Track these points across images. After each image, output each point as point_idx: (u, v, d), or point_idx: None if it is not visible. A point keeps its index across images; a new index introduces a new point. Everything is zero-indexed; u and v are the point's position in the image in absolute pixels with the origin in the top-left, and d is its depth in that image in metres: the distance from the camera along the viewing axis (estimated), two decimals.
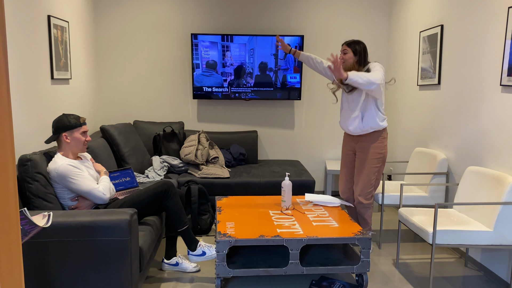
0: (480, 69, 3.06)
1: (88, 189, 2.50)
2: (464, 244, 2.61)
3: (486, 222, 2.67)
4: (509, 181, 2.56)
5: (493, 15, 2.91)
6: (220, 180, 3.94)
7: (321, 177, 5.01)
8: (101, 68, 4.67)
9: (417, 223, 2.79)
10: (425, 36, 3.87)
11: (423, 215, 2.91)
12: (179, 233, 2.77)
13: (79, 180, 2.48)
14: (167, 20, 4.66)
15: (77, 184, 2.47)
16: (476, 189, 2.86)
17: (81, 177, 2.49)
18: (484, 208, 2.72)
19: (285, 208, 3.08)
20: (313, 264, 2.67)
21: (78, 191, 2.50)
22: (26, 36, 2.96)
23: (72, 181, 2.46)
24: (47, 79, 3.30)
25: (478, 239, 2.60)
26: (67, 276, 2.19)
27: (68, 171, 2.46)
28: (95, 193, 2.52)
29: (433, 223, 2.59)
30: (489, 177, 2.78)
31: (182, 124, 4.64)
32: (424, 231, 2.68)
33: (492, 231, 2.58)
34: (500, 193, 2.61)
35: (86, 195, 2.51)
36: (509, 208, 2.57)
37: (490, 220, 2.63)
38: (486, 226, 2.65)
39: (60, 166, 2.45)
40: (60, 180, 2.47)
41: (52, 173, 2.47)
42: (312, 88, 4.86)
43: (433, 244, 2.61)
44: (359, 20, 4.77)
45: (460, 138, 3.32)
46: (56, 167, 2.46)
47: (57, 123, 2.53)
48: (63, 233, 2.15)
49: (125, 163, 3.78)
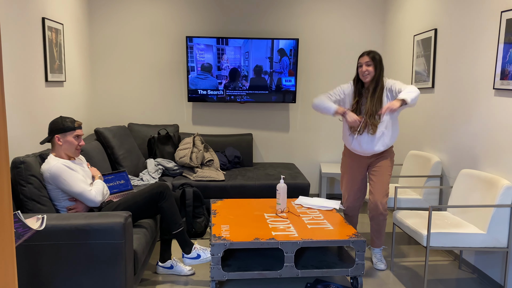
0: (474, 72, 3.08)
1: (79, 191, 2.47)
2: (458, 247, 2.63)
3: (479, 224, 2.69)
4: (502, 184, 2.58)
5: (486, 19, 2.94)
6: (215, 183, 3.93)
7: (316, 180, 5.02)
8: (95, 71, 4.66)
9: (411, 225, 2.80)
10: (419, 40, 3.89)
11: (418, 217, 2.92)
12: (174, 236, 2.76)
13: (71, 181, 2.46)
14: (162, 23, 4.66)
15: (69, 185, 2.45)
16: (470, 191, 2.88)
17: (73, 178, 2.47)
18: (478, 211, 2.74)
19: (280, 211, 3.08)
20: (308, 267, 2.67)
21: (69, 192, 2.47)
22: (20, 38, 2.94)
23: (64, 182, 2.44)
24: (41, 82, 3.29)
25: (472, 242, 2.62)
26: (61, 280, 2.17)
27: (60, 171, 2.44)
28: (86, 195, 2.49)
29: (427, 226, 2.60)
30: (482, 180, 2.80)
31: (177, 127, 4.64)
32: (419, 234, 2.69)
33: (486, 234, 2.60)
34: (493, 195, 2.63)
35: (77, 196, 2.49)
36: (502, 210, 2.58)
37: (483, 222, 2.65)
38: (480, 228, 2.67)
39: (53, 166, 2.44)
40: (53, 181, 2.45)
41: (46, 174, 2.45)
42: (307, 91, 4.87)
43: (427, 246, 2.62)
44: (354, 24, 4.79)
45: (454, 141, 3.34)
46: (49, 167, 2.44)
47: (52, 124, 2.53)
48: (56, 236, 2.13)
49: (120, 166, 3.76)
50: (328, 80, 4.86)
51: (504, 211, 2.59)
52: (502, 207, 2.57)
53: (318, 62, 4.83)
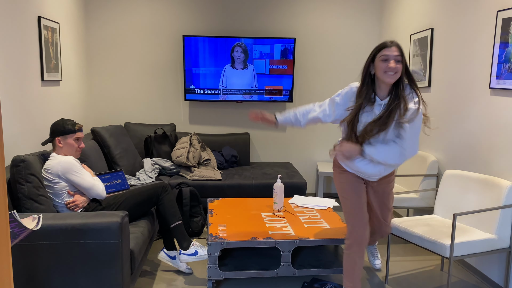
0: (470, 72, 3.09)
1: (90, 184, 2.61)
2: (474, 253, 2.50)
3: (483, 227, 2.62)
4: (505, 184, 2.54)
5: (482, 18, 2.95)
6: (212, 182, 3.93)
7: (312, 179, 5.02)
8: (92, 70, 4.65)
9: (425, 235, 2.56)
10: (416, 39, 3.90)
11: (422, 225, 2.73)
12: (172, 229, 2.77)
13: (82, 174, 2.59)
14: (159, 22, 4.65)
15: (81, 178, 2.57)
16: (463, 193, 2.83)
17: (83, 172, 2.61)
18: (478, 214, 2.68)
19: (277, 210, 3.08)
20: (305, 266, 2.68)
21: (79, 185, 2.58)
22: (16, 37, 2.93)
23: (76, 174, 2.56)
24: (37, 81, 3.27)
25: (485, 247, 2.52)
26: (57, 279, 2.17)
27: (72, 165, 2.56)
28: (96, 189, 2.63)
29: (451, 236, 2.39)
30: (475, 180, 2.76)
31: (173, 126, 4.63)
32: (438, 244, 2.46)
33: (496, 238, 2.54)
34: (498, 197, 2.57)
35: (87, 189, 2.61)
36: (507, 211, 2.54)
37: (488, 225, 2.58)
38: (485, 231, 2.60)
39: (64, 160, 2.55)
40: (64, 174, 2.53)
41: (55, 168, 2.52)
42: (304, 90, 4.87)
43: (451, 257, 2.42)
44: (350, 23, 4.80)
45: (450, 140, 3.35)
46: (59, 161, 2.54)
47: (53, 126, 2.63)
48: (53, 235, 2.13)
49: (116, 165, 3.76)
50: (325, 79, 4.87)
51: (508, 212, 2.55)
52: (508, 208, 2.53)
53: (315, 61, 4.83)
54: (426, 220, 2.88)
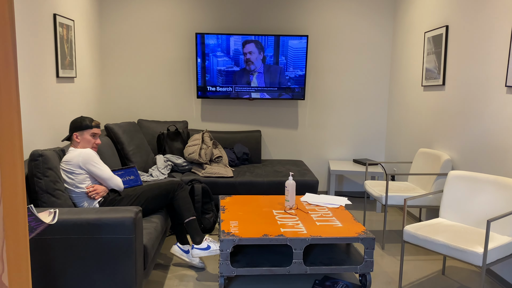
0: (485, 70, 3.05)
1: (109, 175, 2.72)
2: (501, 258, 2.41)
3: (500, 230, 2.54)
4: None
5: (498, 15, 2.90)
6: (224, 179, 3.95)
7: (324, 177, 5.01)
8: (106, 67, 4.69)
9: (452, 244, 2.41)
10: (430, 36, 3.86)
11: (442, 231, 2.60)
12: (186, 224, 2.83)
13: (102, 165, 2.71)
14: (172, 19, 4.67)
15: (101, 169, 2.68)
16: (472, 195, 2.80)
17: (102, 163, 2.71)
18: (486, 216, 2.65)
19: (289, 207, 3.08)
20: (317, 263, 2.67)
21: (100, 175, 2.68)
22: (32, 35, 2.97)
23: (96, 165, 2.66)
24: (52, 78, 3.32)
25: (507, 250, 2.44)
26: (72, 273, 2.20)
27: (92, 156, 2.67)
28: (115, 180, 2.75)
29: (485, 243, 2.25)
30: (485, 181, 2.71)
31: (186, 123, 4.65)
32: (469, 252, 2.32)
33: None
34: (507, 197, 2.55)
35: (106, 180, 2.71)
36: None
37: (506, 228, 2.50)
38: (504, 235, 2.52)
39: (84, 151, 2.65)
40: (84, 163, 2.62)
41: (75, 159, 2.61)
42: (316, 88, 4.85)
43: (484, 265, 2.28)
44: (363, 20, 4.76)
45: (464, 139, 3.31)
46: (79, 153, 2.63)
47: (72, 123, 2.74)
48: (68, 230, 2.16)
49: (129, 161, 3.79)
50: (337, 77, 4.84)
51: None
52: None
53: (327, 59, 4.81)
54: (439, 225, 2.73)
